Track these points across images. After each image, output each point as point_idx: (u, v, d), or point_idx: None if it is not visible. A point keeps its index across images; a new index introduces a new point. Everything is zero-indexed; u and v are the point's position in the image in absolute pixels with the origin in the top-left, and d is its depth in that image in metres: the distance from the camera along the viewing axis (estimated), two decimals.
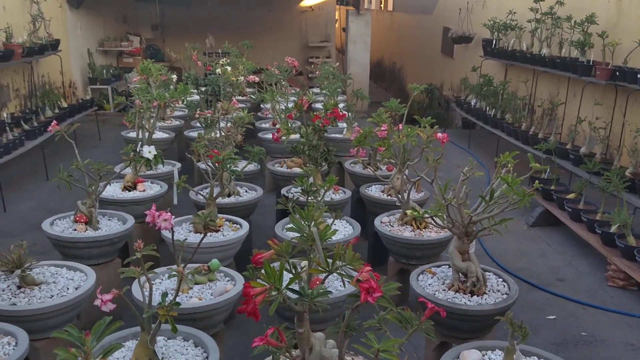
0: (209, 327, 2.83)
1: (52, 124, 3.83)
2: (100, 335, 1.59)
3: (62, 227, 3.72)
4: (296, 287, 1.93)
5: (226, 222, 3.85)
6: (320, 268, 1.97)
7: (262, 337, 1.43)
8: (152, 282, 2.97)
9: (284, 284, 1.81)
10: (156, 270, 2.95)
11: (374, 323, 1.55)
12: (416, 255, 3.77)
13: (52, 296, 2.88)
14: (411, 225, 3.87)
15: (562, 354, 2.42)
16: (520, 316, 3.83)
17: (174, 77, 6.82)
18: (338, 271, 1.90)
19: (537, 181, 2.96)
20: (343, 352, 1.47)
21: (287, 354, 1.40)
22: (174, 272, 2.33)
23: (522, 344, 2.40)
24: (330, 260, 1.92)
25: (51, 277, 3.07)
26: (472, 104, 8.40)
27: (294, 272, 1.96)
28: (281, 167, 5.28)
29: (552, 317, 3.99)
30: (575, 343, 3.67)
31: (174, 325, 2.19)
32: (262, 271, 1.86)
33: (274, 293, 1.81)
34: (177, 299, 2.86)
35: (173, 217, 2.47)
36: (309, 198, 3.37)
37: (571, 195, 5.26)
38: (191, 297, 2.91)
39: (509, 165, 2.88)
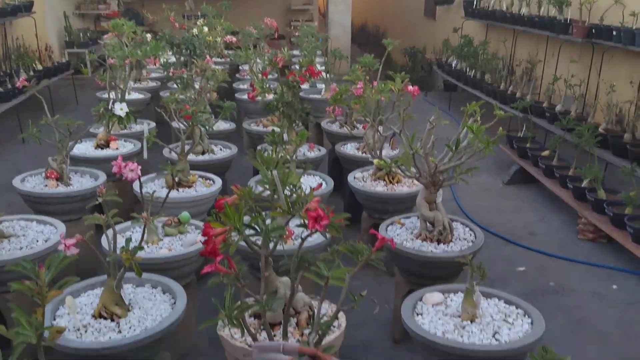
0: (179, 277, 2.85)
1: (21, 79, 3.78)
2: (55, 268, 1.61)
3: (33, 183, 3.71)
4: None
5: (199, 179, 3.85)
6: (280, 211, 1.98)
7: (212, 264, 1.45)
8: (124, 234, 2.99)
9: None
10: (129, 223, 2.96)
11: (327, 256, 1.58)
12: (388, 209, 3.81)
13: (21, 248, 2.89)
14: (384, 180, 3.90)
15: (528, 301, 2.48)
16: (491, 268, 3.90)
17: (148, 36, 6.72)
18: (299, 213, 1.92)
19: (500, 128, 2.97)
20: (296, 284, 1.50)
21: (238, 283, 1.42)
22: (140, 219, 2.34)
23: (483, 287, 2.46)
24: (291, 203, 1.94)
25: (20, 230, 3.07)
26: (453, 65, 8.39)
27: (255, 214, 1.98)
28: (257, 126, 5.27)
29: (522, 268, 4.07)
30: (544, 293, 3.76)
31: (139, 269, 2.21)
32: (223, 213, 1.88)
33: (233, 234, 1.83)
34: (148, 251, 2.89)
35: (139, 167, 2.47)
36: (277, 149, 3.37)
37: (545, 153, 5.31)
38: (161, 248, 2.93)
39: (476, 114, 2.89)
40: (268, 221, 2.01)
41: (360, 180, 3.98)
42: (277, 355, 1.30)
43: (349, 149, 4.69)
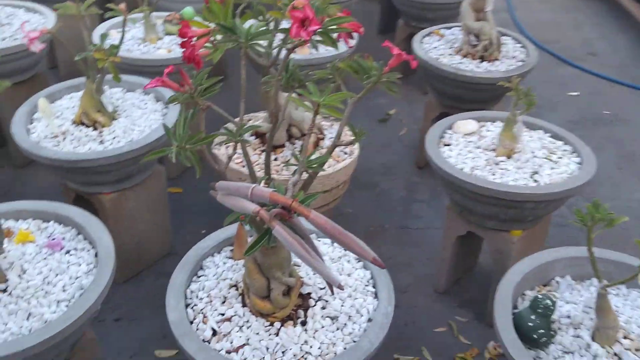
0: None
1: None
2: None
3: None
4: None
5: None
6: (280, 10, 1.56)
7: (158, 78, 1.09)
8: (118, 30, 2.60)
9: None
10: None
11: (325, 74, 1.20)
12: (428, 16, 3.29)
13: (4, 39, 2.56)
14: None
15: (577, 132, 2.11)
16: (540, 92, 3.46)
17: None
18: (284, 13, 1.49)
19: None
20: (278, 105, 1.15)
21: (193, 99, 1.07)
22: (118, 11, 1.94)
23: (528, 116, 2.08)
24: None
25: (6, 18, 2.72)
26: None
27: (260, 19, 1.56)
28: None
29: (575, 93, 3.61)
30: (594, 121, 3.34)
31: (116, 73, 1.87)
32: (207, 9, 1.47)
33: (218, 36, 1.43)
34: (144, 50, 2.53)
35: None
36: None
37: None
38: (159, 48, 2.56)
39: None
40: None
41: None
42: (242, 202, 1.00)
43: None
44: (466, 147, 2.00)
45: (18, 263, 1.45)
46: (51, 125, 1.98)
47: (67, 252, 1.52)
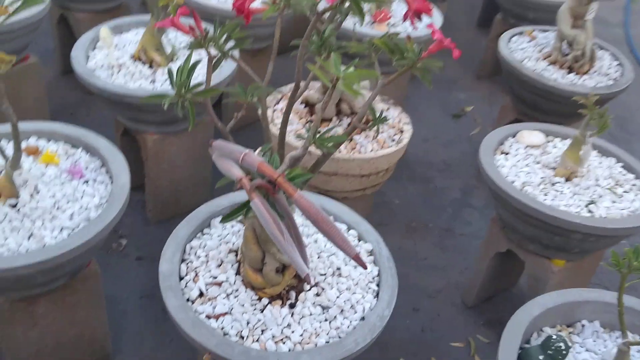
0: None
1: None
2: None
3: None
4: None
5: None
6: None
7: (168, 19, 1.03)
8: None
9: None
10: None
11: (363, 48, 1.10)
12: (529, 16, 3.07)
13: None
14: None
15: None
16: (630, 118, 3.18)
17: None
18: None
19: None
20: (300, 71, 1.06)
21: (201, 46, 1.00)
22: None
23: (604, 141, 1.89)
24: None
25: None
26: None
27: None
28: None
29: None
30: None
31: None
32: None
33: None
34: None
35: None
36: None
37: None
38: None
39: None
40: None
41: None
42: (231, 166, 0.93)
43: None
44: (524, 160, 1.84)
45: (34, 182, 1.45)
46: (110, 56, 1.99)
47: (86, 181, 1.52)
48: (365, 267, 0.91)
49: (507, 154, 1.88)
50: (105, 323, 1.71)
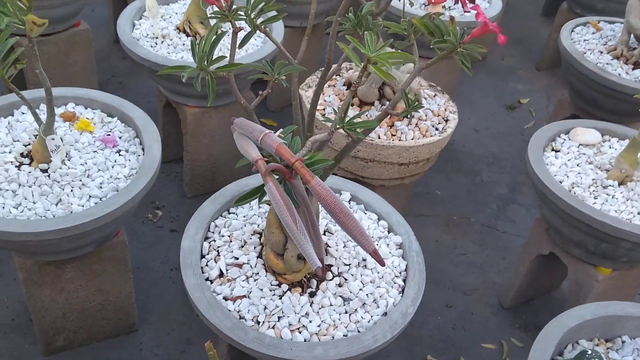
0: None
1: None
2: None
3: None
4: None
5: None
6: None
7: None
8: None
9: None
10: None
11: (401, 29, 1.03)
12: (597, 6, 2.89)
13: None
14: None
15: None
16: None
17: None
18: None
19: None
20: (331, 49, 1.00)
21: (226, 18, 0.95)
22: None
23: None
24: None
25: None
26: None
27: None
28: None
29: None
30: None
31: None
32: None
33: None
34: None
35: None
36: None
37: None
38: None
39: None
40: None
41: None
42: (249, 146, 0.88)
43: None
44: (576, 159, 1.73)
45: (66, 148, 1.45)
46: (154, 26, 1.97)
47: (118, 151, 1.51)
48: (383, 264, 0.85)
49: (557, 151, 1.77)
50: (131, 293, 1.71)
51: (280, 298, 1.22)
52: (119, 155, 1.50)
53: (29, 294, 1.53)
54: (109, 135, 1.52)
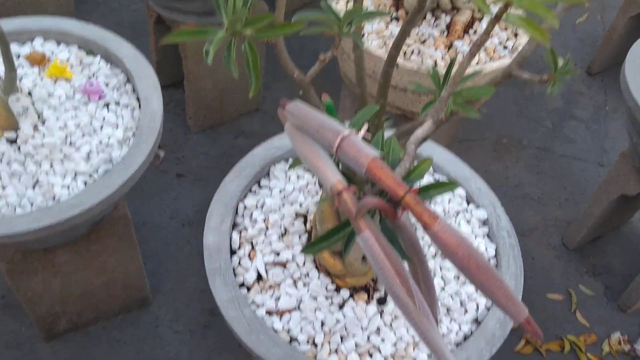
0: None
1: None
2: None
3: None
4: None
5: None
6: None
7: None
8: None
9: None
10: None
11: None
12: None
13: None
14: None
15: None
16: None
17: None
18: None
19: None
20: None
21: None
22: None
23: None
24: None
25: None
26: None
27: None
28: None
29: None
30: None
31: None
32: None
33: None
34: None
35: None
36: None
37: None
38: None
39: None
40: None
41: None
42: (319, 158, 0.55)
43: None
44: None
45: (38, 108, 1.09)
46: None
47: (106, 105, 1.15)
48: (539, 336, 0.55)
49: None
50: (140, 267, 1.42)
51: (341, 308, 0.93)
52: (108, 111, 1.14)
53: (16, 286, 1.24)
54: (91, 84, 1.15)
